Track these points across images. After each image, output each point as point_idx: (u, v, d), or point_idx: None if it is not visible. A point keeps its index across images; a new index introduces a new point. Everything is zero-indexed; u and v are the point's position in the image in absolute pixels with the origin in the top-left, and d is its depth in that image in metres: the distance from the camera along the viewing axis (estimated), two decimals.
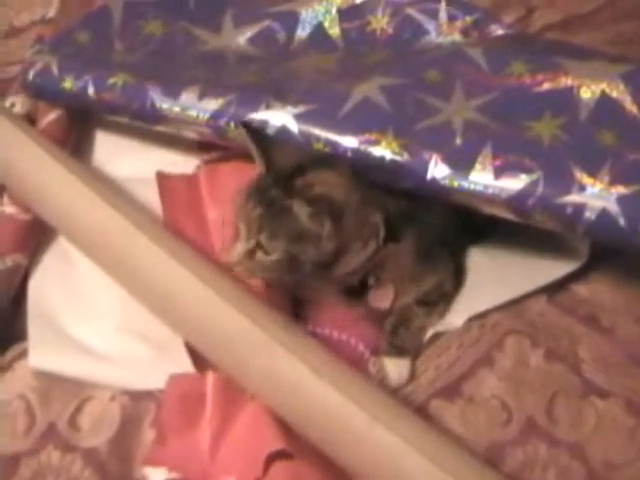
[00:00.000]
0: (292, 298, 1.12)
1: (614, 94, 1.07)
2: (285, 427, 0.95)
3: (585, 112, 1.06)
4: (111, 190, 1.11)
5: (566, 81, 1.08)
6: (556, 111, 1.06)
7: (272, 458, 0.92)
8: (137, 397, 1.05)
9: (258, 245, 0.98)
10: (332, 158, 1.03)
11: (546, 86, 1.09)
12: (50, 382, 1.07)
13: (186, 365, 1.04)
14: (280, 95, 1.09)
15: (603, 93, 1.07)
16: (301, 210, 0.96)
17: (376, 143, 1.04)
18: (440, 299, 1.11)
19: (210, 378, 1.01)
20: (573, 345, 1.08)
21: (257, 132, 1.04)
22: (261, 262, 0.98)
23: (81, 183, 1.08)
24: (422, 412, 1.02)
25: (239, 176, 1.12)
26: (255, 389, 0.98)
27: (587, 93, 1.07)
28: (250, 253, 0.98)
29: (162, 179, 1.18)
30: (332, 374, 0.94)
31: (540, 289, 1.12)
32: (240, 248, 0.99)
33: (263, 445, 0.93)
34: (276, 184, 0.98)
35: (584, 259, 1.12)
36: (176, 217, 1.14)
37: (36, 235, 1.17)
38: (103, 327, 1.10)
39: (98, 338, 1.09)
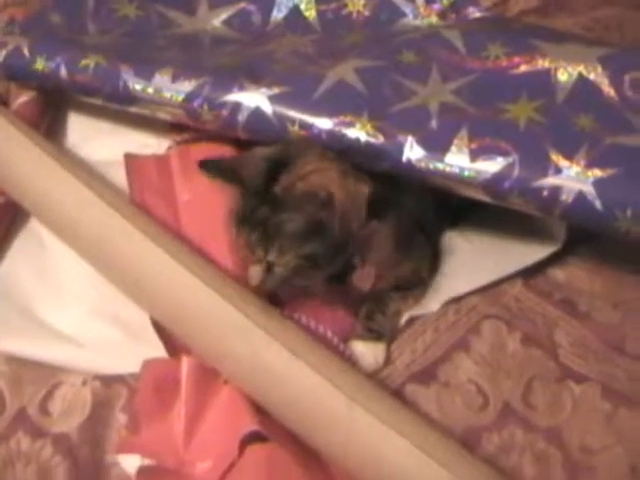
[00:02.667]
0: None
1: (592, 77, 1.06)
2: (259, 410, 0.94)
3: (562, 95, 1.06)
4: (87, 172, 1.10)
5: (543, 63, 1.08)
6: (533, 94, 1.05)
7: (247, 441, 0.91)
8: (109, 382, 1.05)
9: (270, 264, 0.97)
10: (294, 148, 1.01)
11: (523, 69, 1.08)
12: (20, 367, 1.06)
13: (159, 350, 1.02)
14: (254, 77, 1.08)
15: (580, 76, 1.06)
16: (294, 218, 0.95)
17: (351, 125, 1.03)
18: (416, 285, 1.10)
19: (184, 363, 1.00)
20: (550, 330, 1.08)
21: (213, 165, 1.01)
22: (281, 275, 0.97)
23: (57, 164, 1.08)
24: (398, 397, 1.01)
25: (211, 157, 1.11)
26: (233, 373, 0.98)
27: (564, 75, 1.07)
28: (267, 271, 0.97)
29: (130, 160, 1.17)
30: (310, 356, 0.93)
31: (516, 273, 1.12)
32: (256, 271, 0.97)
33: (238, 428, 0.93)
34: (260, 203, 0.96)
35: (561, 243, 1.11)
36: (145, 198, 1.13)
37: (8, 218, 1.16)
38: (75, 311, 1.09)
39: (70, 322, 1.08)
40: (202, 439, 0.96)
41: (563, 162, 0.98)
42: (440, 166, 1.00)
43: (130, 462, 0.96)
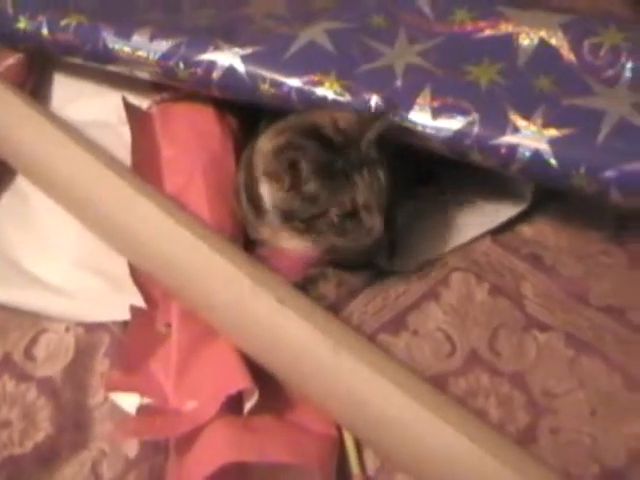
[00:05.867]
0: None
1: (552, 41, 1.11)
2: (250, 365, 0.97)
3: (523, 58, 1.10)
4: (73, 129, 1.15)
5: (506, 28, 1.13)
6: (495, 57, 1.10)
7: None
8: (91, 329, 1.08)
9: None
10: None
11: (487, 33, 1.13)
12: (6, 314, 1.10)
13: (139, 299, 1.06)
14: (229, 38, 1.13)
15: (542, 40, 1.11)
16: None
17: (319, 84, 1.08)
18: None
19: (175, 310, 1.03)
20: (517, 282, 1.11)
21: None
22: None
23: (46, 121, 1.12)
24: None
25: (191, 115, 1.18)
26: (218, 321, 1.00)
27: (526, 40, 1.11)
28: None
29: (130, 109, 1.21)
30: (296, 303, 0.97)
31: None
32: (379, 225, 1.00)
33: (226, 380, 0.96)
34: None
35: (528, 202, 1.16)
36: (138, 151, 1.17)
37: None
38: (60, 263, 1.13)
39: (55, 273, 1.12)
40: (192, 383, 0.99)
41: (521, 121, 1.03)
42: (404, 123, 1.05)
43: (129, 402, 0.99)
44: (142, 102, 1.25)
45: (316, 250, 1.06)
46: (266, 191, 1.03)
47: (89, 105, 1.28)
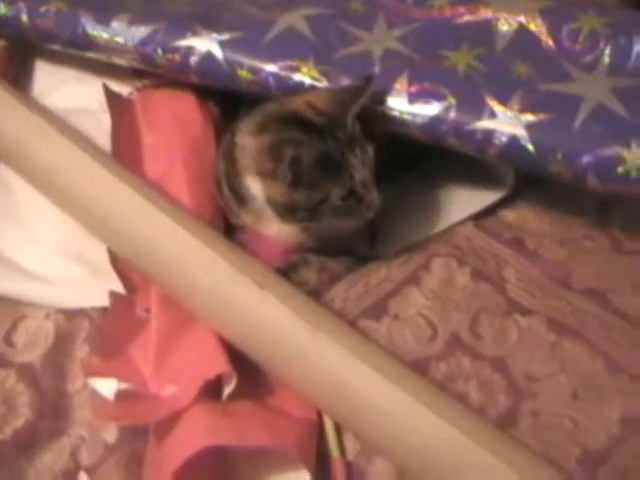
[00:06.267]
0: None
1: (531, 27, 1.11)
2: (230, 350, 0.97)
3: (501, 44, 1.10)
4: (55, 117, 1.15)
5: (485, 14, 1.13)
6: (473, 42, 1.10)
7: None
8: (71, 315, 1.08)
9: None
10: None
11: (466, 18, 1.13)
12: None
13: (119, 286, 1.06)
14: (208, 24, 1.13)
15: (521, 26, 1.11)
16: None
17: (297, 70, 1.08)
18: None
19: (154, 295, 1.03)
20: (499, 266, 1.11)
21: None
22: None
23: (27, 109, 1.13)
24: None
25: (173, 102, 1.19)
26: (199, 306, 1.01)
27: (505, 26, 1.12)
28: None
29: (110, 96, 1.21)
30: (275, 288, 0.97)
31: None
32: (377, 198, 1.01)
33: (205, 365, 0.96)
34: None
35: (509, 188, 1.16)
36: (118, 137, 1.17)
37: None
38: (40, 251, 1.13)
39: (35, 261, 1.12)
40: (171, 367, 0.99)
41: (498, 107, 1.03)
42: (380, 108, 1.05)
43: (107, 387, 0.99)
44: (123, 89, 1.26)
45: (301, 237, 1.06)
46: (258, 188, 1.03)
47: (71, 92, 1.28)
